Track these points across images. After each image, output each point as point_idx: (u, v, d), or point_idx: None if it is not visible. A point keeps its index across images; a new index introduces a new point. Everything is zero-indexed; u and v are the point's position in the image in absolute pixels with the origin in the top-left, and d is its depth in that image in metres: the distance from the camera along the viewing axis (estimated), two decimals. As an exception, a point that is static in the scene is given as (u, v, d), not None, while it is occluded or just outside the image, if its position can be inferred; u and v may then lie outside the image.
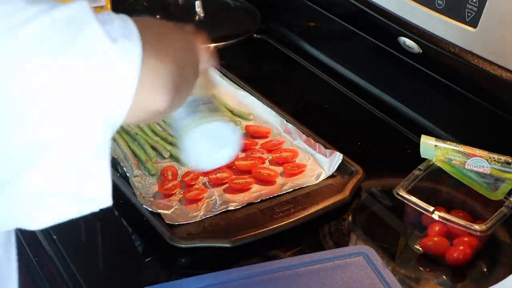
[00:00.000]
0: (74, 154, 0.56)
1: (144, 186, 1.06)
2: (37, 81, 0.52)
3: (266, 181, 1.08)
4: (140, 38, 0.58)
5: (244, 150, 1.15)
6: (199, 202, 1.03)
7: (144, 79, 0.58)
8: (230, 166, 1.10)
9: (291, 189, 1.06)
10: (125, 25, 0.58)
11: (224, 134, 0.80)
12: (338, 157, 1.09)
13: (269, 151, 1.15)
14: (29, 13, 0.52)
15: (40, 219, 0.60)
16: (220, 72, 1.34)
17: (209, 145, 0.80)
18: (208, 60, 0.84)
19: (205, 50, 0.83)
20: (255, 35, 1.54)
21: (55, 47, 0.53)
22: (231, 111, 1.24)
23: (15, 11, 0.52)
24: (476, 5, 1.04)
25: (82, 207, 0.61)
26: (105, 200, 0.62)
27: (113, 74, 0.56)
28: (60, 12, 0.54)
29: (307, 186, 1.07)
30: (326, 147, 1.12)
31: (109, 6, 1.52)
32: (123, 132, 1.15)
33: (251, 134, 1.19)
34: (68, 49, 0.54)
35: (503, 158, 0.95)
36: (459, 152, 0.96)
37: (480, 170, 0.95)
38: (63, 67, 0.53)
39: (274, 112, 1.22)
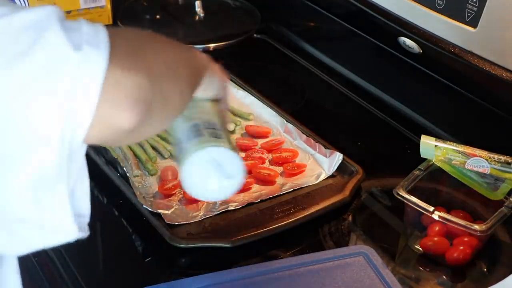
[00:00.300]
0: (29, 176, 0.51)
1: (144, 186, 1.06)
2: None
3: (266, 181, 1.08)
4: (108, 47, 0.53)
5: (244, 150, 1.15)
6: (199, 202, 1.03)
7: (106, 92, 0.52)
8: (230, 166, 1.10)
9: (291, 189, 1.06)
10: (95, 33, 0.53)
11: (227, 164, 0.73)
12: (338, 157, 1.09)
13: (269, 151, 1.15)
14: None
15: (10, 246, 0.56)
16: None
17: (210, 175, 0.73)
18: (223, 87, 0.78)
19: (221, 79, 0.78)
20: (255, 35, 1.54)
21: (8, 54, 0.49)
22: (231, 111, 1.24)
23: None
24: (476, 5, 1.04)
25: (47, 237, 0.56)
26: (69, 231, 0.55)
27: (71, 85, 0.50)
28: (21, 17, 0.51)
29: (307, 186, 1.07)
30: (326, 147, 1.12)
31: (109, 6, 1.52)
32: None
33: (251, 134, 1.19)
34: (22, 57, 0.49)
35: (503, 158, 0.95)
36: (459, 152, 0.96)
37: (480, 170, 0.95)
38: (16, 77, 0.49)
39: (274, 112, 1.22)
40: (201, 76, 0.73)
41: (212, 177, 0.73)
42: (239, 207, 1.02)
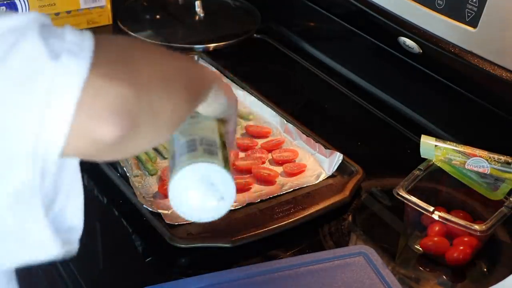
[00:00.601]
0: (6, 190, 0.49)
1: (144, 186, 1.06)
2: None
3: (266, 181, 1.08)
4: (90, 56, 0.50)
5: (244, 150, 1.15)
6: (199, 202, 1.03)
7: (84, 102, 0.49)
8: (230, 166, 1.11)
9: (291, 189, 1.06)
10: (79, 41, 0.51)
11: (218, 183, 0.68)
12: (338, 157, 1.09)
13: (269, 151, 1.15)
14: None
15: None
16: (220, 72, 1.34)
17: (198, 193, 0.68)
18: (231, 106, 0.74)
19: (229, 97, 0.74)
20: (255, 35, 1.54)
21: None
22: (231, 111, 1.24)
23: None
24: (476, 5, 1.04)
25: (29, 253, 0.53)
26: (49, 247, 0.53)
27: (45, 96, 0.48)
28: (1, 23, 0.49)
29: (307, 186, 1.07)
30: (326, 147, 1.12)
31: (109, 6, 1.52)
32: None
33: (251, 134, 1.19)
34: None
35: (503, 158, 0.95)
36: (459, 152, 0.96)
37: (480, 170, 0.95)
38: None
39: (274, 112, 1.22)
40: (204, 89, 0.68)
41: (200, 196, 0.69)
42: (239, 207, 1.02)
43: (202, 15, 1.60)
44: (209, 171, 0.67)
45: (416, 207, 0.94)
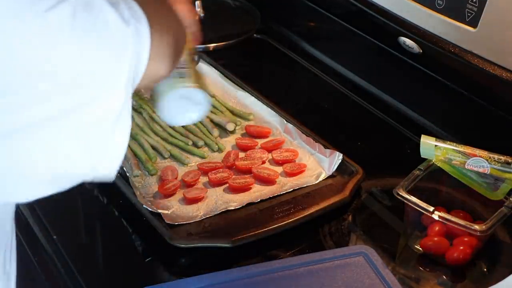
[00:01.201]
0: (98, 118, 0.62)
1: (144, 186, 1.06)
2: (63, 61, 0.58)
3: (266, 181, 1.08)
4: (146, 20, 0.64)
5: (244, 150, 1.15)
6: (199, 202, 1.03)
7: (153, 53, 0.65)
8: (230, 166, 1.11)
9: (291, 189, 1.06)
10: (130, 6, 0.64)
11: (193, 95, 0.88)
12: (338, 157, 1.09)
13: (269, 151, 1.15)
14: (51, 1, 0.56)
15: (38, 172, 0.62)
16: (220, 72, 1.34)
17: (180, 106, 0.88)
18: (191, 22, 0.91)
19: (188, 15, 0.89)
20: (255, 35, 1.54)
21: (79, 31, 0.58)
22: (231, 111, 1.24)
23: None
24: (476, 5, 1.04)
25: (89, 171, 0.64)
26: (111, 171, 0.65)
27: (129, 53, 0.62)
28: None
29: (307, 186, 1.07)
30: (326, 147, 1.12)
31: (109, 6, 1.52)
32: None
33: (251, 134, 1.19)
34: (90, 33, 0.59)
35: (503, 158, 0.95)
36: (459, 152, 0.96)
37: (480, 170, 0.95)
38: (87, 48, 0.59)
39: (274, 112, 1.22)
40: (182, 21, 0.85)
41: (183, 106, 0.88)
42: (239, 207, 1.02)
43: (202, 15, 1.60)
44: (184, 91, 0.88)
45: (416, 207, 0.94)
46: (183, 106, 0.89)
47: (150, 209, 0.98)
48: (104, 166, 0.64)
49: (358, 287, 0.88)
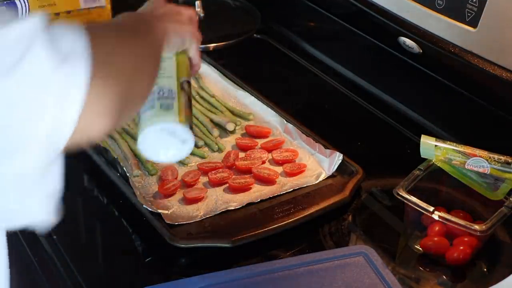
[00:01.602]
0: (17, 170, 0.55)
1: (144, 186, 1.06)
2: None
3: (266, 181, 1.08)
4: (90, 57, 0.55)
5: (244, 150, 1.15)
6: (199, 202, 1.03)
7: (89, 104, 0.55)
8: (230, 166, 1.10)
9: (291, 189, 1.06)
10: (76, 41, 0.56)
11: (177, 131, 0.81)
12: (338, 157, 1.09)
13: (269, 151, 1.15)
14: None
15: None
16: (220, 72, 1.34)
17: (162, 142, 0.82)
18: (188, 41, 0.86)
19: (183, 35, 0.85)
20: (255, 35, 1.54)
21: (2, 66, 0.52)
22: (231, 111, 1.24)
23: None
24: (476, 5, 1.04)
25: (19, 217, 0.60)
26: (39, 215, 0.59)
27: (55, 98, 0.54)
28: (11, 30, 0.53)
29: (307, 186, 1.07)
30: (326, 147, 1.12)
31: (109, 6, 1.52)
32: (123, 132, 1.15)
33: (251, 134, 1.19)
34: (12, 71, 0.52)
35: (503, 158, 0.95)
36: (459, 152, 0.96)
37: (480, 170, 0.95)
38: (6, 89, 0.52)
39: (274, 112, 1.22)
40: (163, 46, 0.78)
41: (165, 143, 0.82)
42: (239, 207, 1.02)
43: (202, 15, 1.60)
44: (167, 126, 0.80)
45: (416, 207, 0.94)
46: (164, 142, 0.81)
47: (150, 209, 0.98)
48: (34, 219, 0.59)
49: (358, 287, 0.88)
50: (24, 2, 1.42)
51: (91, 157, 1.10)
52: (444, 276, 0.96)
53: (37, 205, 0.58)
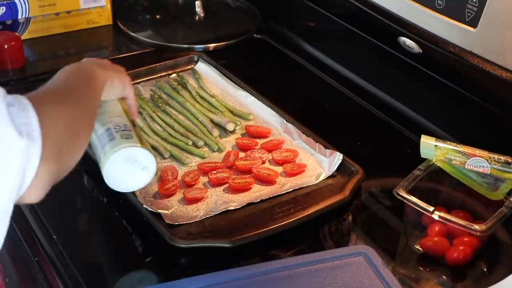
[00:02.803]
0: None
1: (144, 186, 1.06)
2: None
3: (266, 181, 1.08)
4: (40, 135, 0.64)
5: (244, 150, 1.15)
6: (199, 202, 1.03)
7: (44, 162, 0.65)
8: (230, 166, 1.11)
9: (291, 189, 1.06)
10: (27, 118, 0.64)
11: (140, 158, 0.86)
12: (338, 157, 1.09)
13: (269, 151, 1.15)
14: None
15: None
16: (220, 72, 1.34)
17: (126, 170, 0.87)
18: (124, 87, 0.93)
19: (120, 82, 0.92)
20: (255, 35, 1.54)
21: None
22: (231, 111, 1.24)
23: None
24: (476, 5, 1.04)
25: None
26: None
27: (18, 170, 0.63)
28: None
29: (307, 186, 1.07)
30: (326, 147, 1.12)
31: (109, 6, 1.52)
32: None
33: (251, 134, 1.19)
34: None
35: (503, 158, 0.95)
36: (459, 152, 0.96)
37: (480, 170, 0.95)
38: None
39: (274, 112, 1.22)
40: (100, 93, 0.86)
41: (128, 171, 0.87)
42: (239, 207, 1.02)
43: (202, 15, 1.60)
44: (130, 152, 0.85)
45: (416, 207, 0.94)
46: (128, 170, 0.86)
47: (150, 209, 0.98)
48: None
49: (358, 287, 0.88)
50: (24, 2, 1.42)
51: (91, 157, 1.10)
52: (444, 276, 0.96)
53: None
